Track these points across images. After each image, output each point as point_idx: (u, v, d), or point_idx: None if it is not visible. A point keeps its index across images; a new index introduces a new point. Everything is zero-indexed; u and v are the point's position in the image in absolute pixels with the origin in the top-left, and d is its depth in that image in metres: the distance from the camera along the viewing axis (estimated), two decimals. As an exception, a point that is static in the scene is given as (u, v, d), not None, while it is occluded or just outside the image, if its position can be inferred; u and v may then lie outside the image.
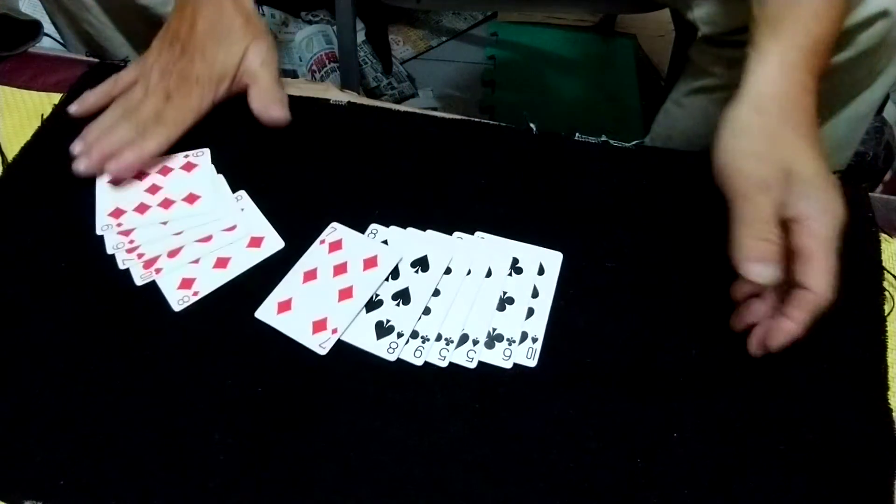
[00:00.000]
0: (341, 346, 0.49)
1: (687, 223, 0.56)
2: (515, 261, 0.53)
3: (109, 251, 0.53)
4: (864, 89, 0.66)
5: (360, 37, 1.43)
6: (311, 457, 0.44)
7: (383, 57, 1.41)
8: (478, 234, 0.54)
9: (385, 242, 0.53)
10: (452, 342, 0.49)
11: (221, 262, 0.52)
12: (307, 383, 0.47)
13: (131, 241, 0.53)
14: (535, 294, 0.51)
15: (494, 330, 0.49)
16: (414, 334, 0.49)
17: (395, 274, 0.51)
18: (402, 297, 0.50)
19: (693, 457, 0.44)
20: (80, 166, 0.56)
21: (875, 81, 0.66)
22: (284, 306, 0.50)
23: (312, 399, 0.46)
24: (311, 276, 0.52)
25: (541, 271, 0.52)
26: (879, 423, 0.46)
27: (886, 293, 0.52)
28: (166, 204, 0.56)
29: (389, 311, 0.50)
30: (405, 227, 0.54)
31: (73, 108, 0.60)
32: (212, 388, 0.47)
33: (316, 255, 0.53)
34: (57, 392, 0.46)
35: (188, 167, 0.58)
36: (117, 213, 0.55)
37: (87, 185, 0.57)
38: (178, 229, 0.54)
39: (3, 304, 0.50)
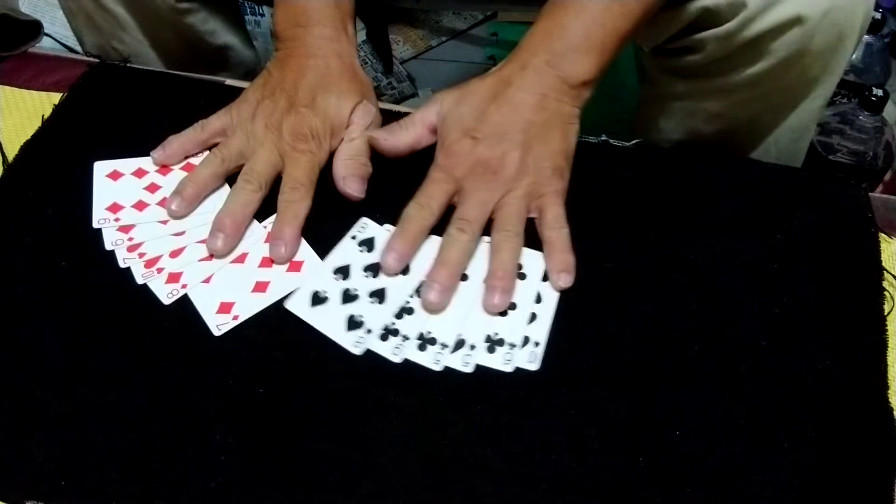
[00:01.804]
0: (343, 349, 0.49)
1: (687, 222, 0.56)
2: (518, 266, 0.52)
3: (108, 247, 0.53)
4: (801, 99, 0.66)
5: (361, 37, 1.44)
6: (312, 457, 0.44)
7: (383, 57, 1.41)
8: (484, 238, 0.54)
9: (369, 241, 0.53)
10: (447, 346, 0.48)
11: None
12: (308, 384, 0.47)
13: (130, 239, 0.53)
14: (538, 300, 0.51)
15: (496, 334, 0.49)
16: (394, 332, 0.49)
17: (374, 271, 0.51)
18: (379, 295, 0.50)
19: (695, 456, 0.44)
20: (218, 243, 0.52)
21: (813, 90, 0.65)
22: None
23: (314, 400, 0.46)
24: (239, 259, 0.53)
25: (545, 277, 0.52)
26: (880, 422, 0.46)
27: (886, 293, 0.52)
28: (165, 203, 0.55)
29: (364, 307, 0.50)
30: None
31: (157, 155, 0.58)
32: (213, 389, 0.46)
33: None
34: (58, 392, 0.46)
35: (188, 168, 0.58)
36: (115, 207, 0.55)
37: (87, 186, 0.57)
38: (179, 229, 0.54)
39: (3, 303, 0.50)
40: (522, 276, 0.52)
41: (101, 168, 0.58)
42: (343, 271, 0.52)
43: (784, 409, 0.46)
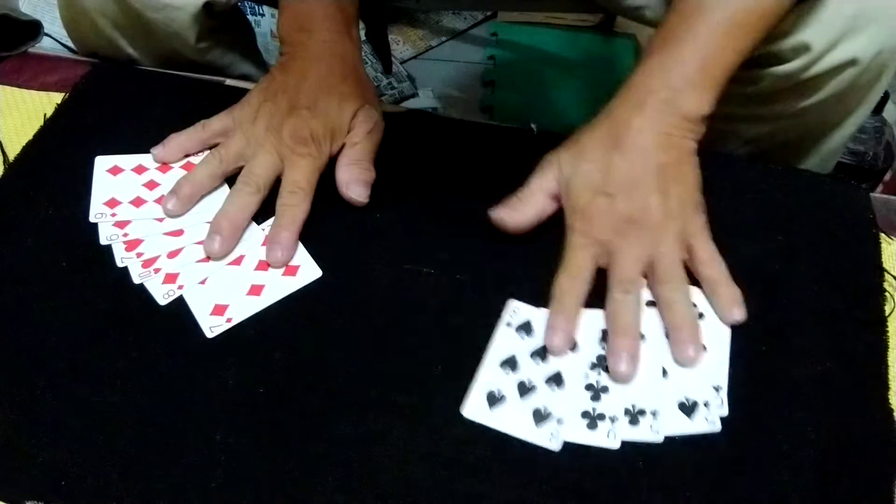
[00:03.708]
0: (344, 350, 0.49)
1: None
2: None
3: (103, 241, 0.53)
4: (835, 128, 0.67)
5: (361, 36, 1.43)
6: (312, 458, 0.44)
7: (383, 57, 1.40)
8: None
9: (526, 325, 0.50)
10: (657, 413, 0.46)
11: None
12: (309, 384, 0.47)
13: (126, 235, 0.53)
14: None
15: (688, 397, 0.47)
16: (600, 417, 0.46)
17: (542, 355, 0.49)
18: (556, 379, 0.47)
19: (695, 458, 0.44)
20: (215, 245, 0.52)
21: (846, 120, 0.66)
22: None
23: (314, 400, 0.46)
24: (236, 262, 0.52)
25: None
26: (880, 423, 0.46)
27: (887, 294, 0.52)
28: (162, 200, 0.55)
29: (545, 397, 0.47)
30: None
31: (157, 152, 0.58)
32: (213, 389, 0.46)
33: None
34: (58, 392, 0.46)
35: (188, 167, 0.58)
36: (112, 202, 0.55)
37: (88, 186, 0.57)
38: (175, 227, 0.54)
39: (3, 303, 0.50)
40: (701, 316, 0.50)
41: (101, 163, 0.58)
42: (510, 363, 0.48)
43: (784, 411, 0.46)
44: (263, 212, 0.55)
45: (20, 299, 0.50)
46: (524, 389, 0.47)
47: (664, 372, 0.48)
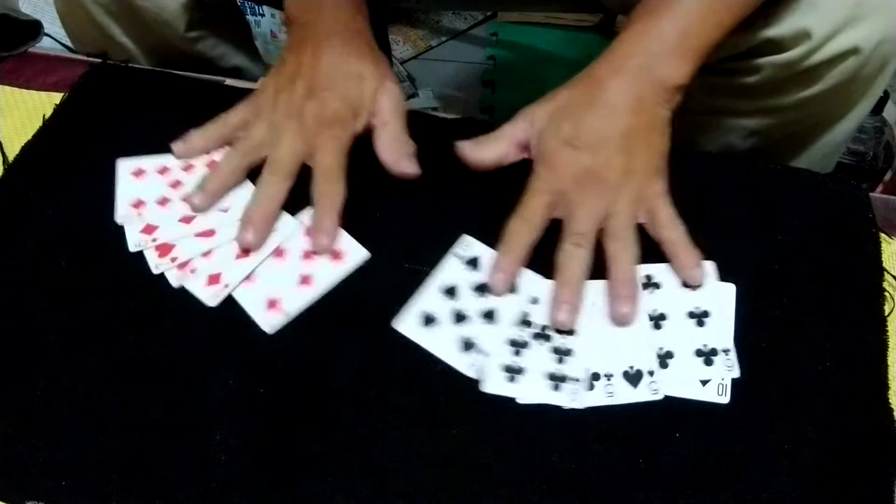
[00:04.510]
0: (344, 350, 0.49)
1: (686, 223, 0.56)
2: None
3: (132, 248, 0.52)
4: (838, 120, 0.67)
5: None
6: (313, 458, 0.44)
7: (383, 57, 1.40)
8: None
9: (474, 260, 0.52)
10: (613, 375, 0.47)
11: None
12: (310, 384, 0.47)
13: (154, 240, 0.52)
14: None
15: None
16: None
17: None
18: (489, 316, 0.49)
19: (695, 457, 0.44)
20: (248, 236, 0.51)
21: (850, 112, 0.66)
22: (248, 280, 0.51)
23: (314, 400, 0.46)
24: (278, 255, 0.52)
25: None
26: (880, 422, 0.46)
27: (886, 293, 0.52)
28: (188, 199, 0.54)
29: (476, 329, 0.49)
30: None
31: (178, 148, 0.57)
32: (214, 388, 0.46)
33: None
34: (58, 393, 0.46)
35: (212, 165, 0.57)
36: (138, 204, 0.55)
37: (87, 186, 0.57)
38: (205, 227, 0.53)
39: (3, 304, 0.50)
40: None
41: (124, 166, 0.57)
42: (451, 291, 0.50)
43: (784, 410, 0.46)
44: (293, 199, 0.54)
45: (21, 299, 0.50)
46: (458, 317, 0.48)
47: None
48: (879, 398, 0.47)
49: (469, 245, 0.53)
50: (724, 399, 0.46)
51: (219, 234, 0.53)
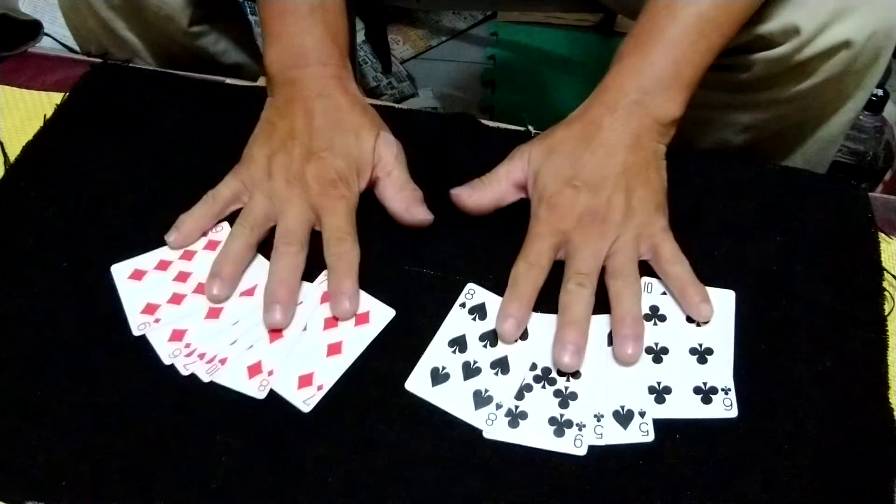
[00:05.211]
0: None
1: (686, 224, 0.56)
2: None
3: (167, 361, 0.47)
4: (833, 114, 0.67)
5: (360, 36, 1.44)
6: (313, 459, 0.44)
7: (383, 56, 1.41)
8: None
9: (480, 308, 0.50)
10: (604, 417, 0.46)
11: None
12: (308, 384, 0.47)
13: (188, 345, 0.48)
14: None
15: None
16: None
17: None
18: (501, 365, 0.48)
19: (695, 458, 0.44)
20: (277, 316, 0.48)
21: (844, 105, 0.66)
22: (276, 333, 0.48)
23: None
24: (299, 328, 0.49)
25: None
26: (880, 422, 0.46)
27: (886, 293, 0.52)
28: (201, 289, 0.51)
29: (488, 380, 0.47)
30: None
31: (172, 238, 0.53)
32: (214, 389, 0.46)
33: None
34: (58, 393, 0.46)
35: (211, 246, 0.53)
36: (150, 308, 0.50)
37: (87, 186, 0.57)
38: (232, 319, 0.50)
39: (3, 304, 0.50)
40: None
41: (120, 271, 0.52)
42: (459, 343, 0.49)
43: (784, 410, 0.46)
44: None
45: (20, 300, 0.50)
46: (468, 370, 0.47)
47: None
48: (879, 398, 0.47)
49: (473, 292, 0.51)
50: (732, 413, 0.46)
51: (243, 320, 0.50)
